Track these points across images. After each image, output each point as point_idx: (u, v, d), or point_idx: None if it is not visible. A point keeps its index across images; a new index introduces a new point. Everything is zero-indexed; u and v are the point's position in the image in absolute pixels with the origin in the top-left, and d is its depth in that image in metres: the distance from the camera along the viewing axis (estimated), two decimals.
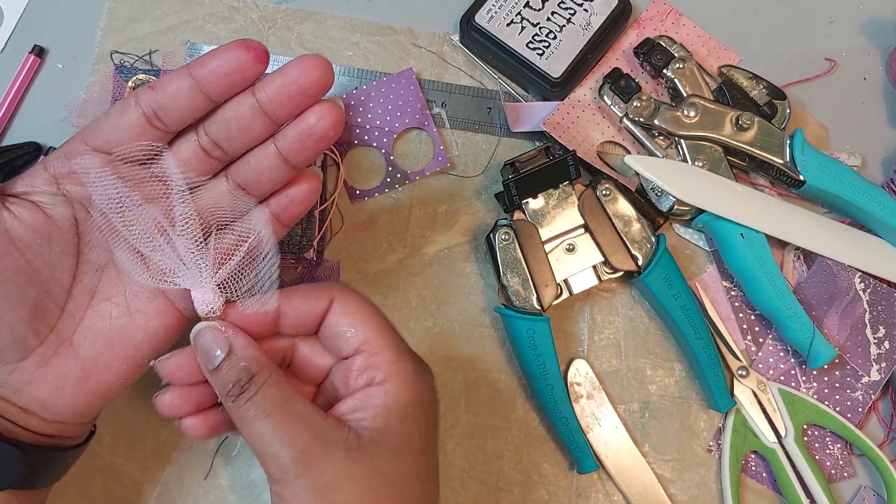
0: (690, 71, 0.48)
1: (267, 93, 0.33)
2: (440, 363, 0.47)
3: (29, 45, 0.49)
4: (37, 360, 0.34)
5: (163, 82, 0.34)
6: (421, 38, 0.51)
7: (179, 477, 0.45)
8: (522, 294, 0.45)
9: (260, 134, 0.35)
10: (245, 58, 0.32)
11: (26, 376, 0.34)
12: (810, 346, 0.45)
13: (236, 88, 0.34)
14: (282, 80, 0.33)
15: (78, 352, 0.35)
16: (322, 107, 0.34)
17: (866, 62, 0.53)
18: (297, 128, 0.34)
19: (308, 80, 0.33)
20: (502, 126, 0.50)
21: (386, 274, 0.48)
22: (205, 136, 0.35)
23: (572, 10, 0.49)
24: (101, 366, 0.35)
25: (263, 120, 0.34)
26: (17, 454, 0.33)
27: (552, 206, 0.47)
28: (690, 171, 0.47)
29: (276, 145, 0.35)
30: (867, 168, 0.51)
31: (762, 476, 0.47)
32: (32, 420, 0.35)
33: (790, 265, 0.49)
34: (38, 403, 0.35)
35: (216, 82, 0.33)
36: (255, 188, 0.36)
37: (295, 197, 0.37)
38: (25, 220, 0.34)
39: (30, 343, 0.34)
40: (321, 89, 0.33)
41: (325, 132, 0.34)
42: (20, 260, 0.34)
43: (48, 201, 0.34)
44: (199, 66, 0.33)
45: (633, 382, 0.48)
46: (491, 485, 0.46)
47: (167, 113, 0.34)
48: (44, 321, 0.34)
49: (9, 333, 0.33)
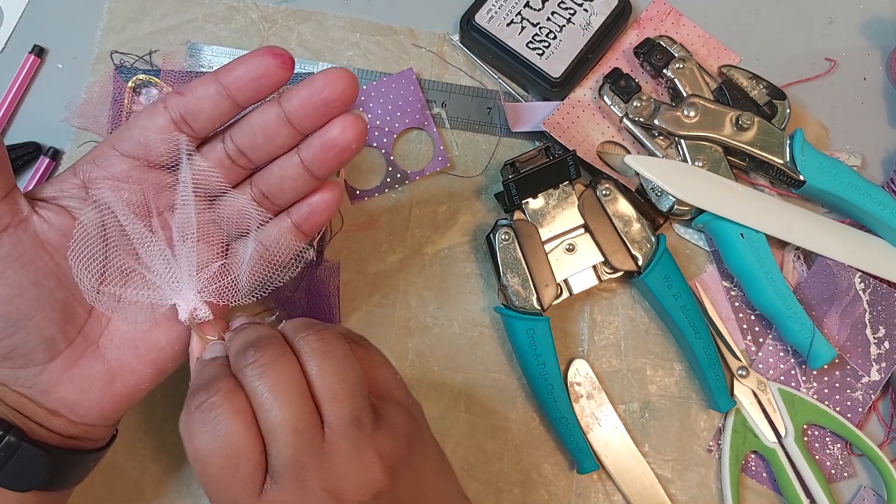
0: (690, 71, 0.48)
1: (293, 103, 0.34)
2: (440, 363, 0.47)
3: (29, 45, 0.49)
4: (65, 361, 0.35)
5: (190, 87, 0.34)
6: (421, 38, 0.51)
7: (180, 477, 0.45)
8: (522, 294, 0.45)
9: (285, 143, 0.35)
10: (271, 64, 0.33)
11: (54, 378, 0.35)
12: (810, 346, 0.45)
13: (262, 94, 0.34)
14: (307, 91, 0.34)
15: (104, 355, 0.36)
16: (346, 119, 0.35)
17: (866, 62, 0.53)
18: (320, 139, 0.35)
19: (333, 92, 0.33)
20: (502, 126, 0.50)
21: (386, 274, 0.48)
22: (231, 143, 0.36)
23: (572, 10, 0.49)
24: (126, 369, 0.36)
25: (288, 129, 0.35)
26: (42, 456, 0.34)
27: (552, 206, 0.47)
28: (690, 171, 0.47)
29: (300, 155, 0.35)
30: (867, 168, 0.51)
31: (762, 476, 0.47)
32: (58, 422, 0.35)
33: (790, 265, 0.49)
34: (65, 405, 0.35)
35: (243, 87, 0.34)
36: (278, 197, 0.37)
37: (316, 206, 0.37)
38: (55, 223, 0.35)
39: (58, 345, 0.35)
40: (346, 102, 0.34)
41: (347, 144, 0.35)
42: (49, 262, 0.34)
43: (76, 206, 0.35)
44: (227, 71, 0.34)
45: (633, 382, 0.48)
46: (491, 485, 0.46)
47: (195, 118, 0.35)
48: (72, 323, 0.35)
49: (38, 334, 0.34)
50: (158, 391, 0.46)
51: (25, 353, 0.34)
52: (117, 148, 0.35)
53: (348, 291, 0.48)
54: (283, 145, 0.35)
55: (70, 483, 0.37)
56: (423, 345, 0.47)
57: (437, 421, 0.46)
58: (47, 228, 0.34)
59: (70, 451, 0.36)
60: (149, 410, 0.46)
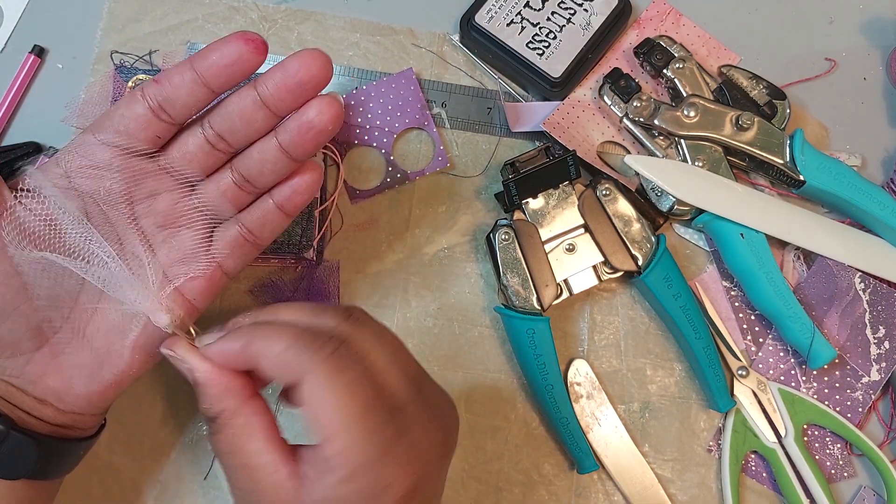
0: (690, 71, 0.48)
1: (268, 86, 0.34)
2: (440, 363, 0.47)
3: (29, 45, 0.49)
4: (52, 350, 0.35)
5: (166, 75, 0.35)
6: (421, 38, 0.51)
7: (178, 476, 0.45)
8: (522, 294, 0.45)
9: (262, 126, 0.36)
10: (244, 49, 0.34)
11: (41, 366, 0.35)
12: (810, 346, 0.45)
13: (237, 79, 0.35)
14: (281, 74, 0.34)
15: (91, 342, 0.36)
16: (322, 101, 0.35)
17: (866, 62, 0.53)
18: (297, 121, 0.35)
19: (307, 73, 0.34)
20: (502, 126, 0.50)
21: (386, 274, 0.48)
22: (210, 129, 0.36)
23: (572, 10, 0.50)
24: (114, 356, 0.36)
25: (265, 112, 0.35)
26: (31, 444, 0.34)
27: (552, 206, 0.47)
28: (690, 171, 0.47)
29: (278, 139, 0.36)
30: (867, 168, 0.51)
31: (762, 476, 0.47)
32: (47, 410, 0.35)
33: (790, 265, 0.49)
34: (53, 393, 0.35)
35: (217, 74, 0.34)
36: (259, 180, 0.37)
37: (297, 187, 0.37)
38: (38, 212, 0.35)
39: (45, 333, 0.35)
40: (320, 83, 0.34)
41: (324, 126, 0.35)
42: (34, 251, 0.34)
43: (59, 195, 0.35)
44: (200, 58, 0.34)
45: (633, 382, 0.48)
46: (491, 485, 0.46)
47: (172, 105, 0.35)
48: (58, 312, 0.35)
49: (24, 324, 0.34)
50: (156, 391, 0.46)
51: (12, 343, 0.34)
52: (97, 137, 0.35)
53: (348, 291, 0.48)
54: (261, 129, 0.36)
55: (59, 472, 0.37)
56: (423, 345, 0.47)
57: None
58: (31, 218, 0.35)
59: (59, 440, 0.36)
60: (147, 411, 0.46)
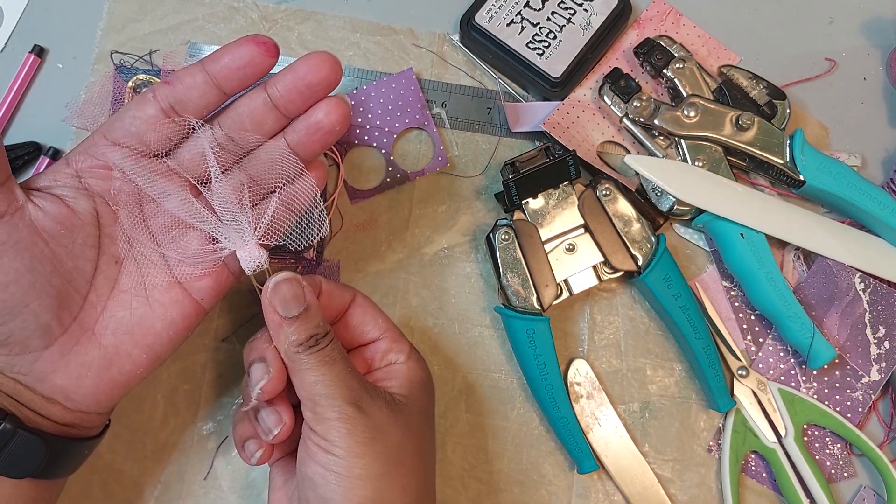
0: (690, 71, 0.48)
1: (278, 88, 0.35)
2: (440, 363, 0.47)
3: (29, 45, 0.49)
4: (60, 348, 0.35)
5: (177, 77, 0.35)
6: (421, 38, 0.51)
7: (179, 477, 0.45)
8: (522, 294, 0.45)
9: (272, 128, 0.37)
10: (256, 52, 0.34)
11: (50, 365, 0.35)
12: (810, 346, 0.45)
13: (248, 81, 0.35)
14: (291, 76, 0.35)
15: (100, 341, 0.36)
16: (330, 102, 0.36)
17: (866, 62, 0.53)
18: (305, 122, 0.36)
19: (316, 76, 0.35)
20: (502, 126, 0.50)
21: (386, 274, 0.48)
22: (220, 130, 0.36)
23: (572, 10, 0.49)
24: (122, 355, 0.36)
25: (275, 114, 0.36)
26: (38, 443, 0.34)
27: (552, 206, 0.47)
28: (690, 171, 0.47)
29: (287, 139, 0.37)
30: (867, 168, 0.51)
31: (762, 476, 0.47)
32: (54, 409, 0.36)
33: (790, 265, 0.49)
34: (61, 392, 0.36)
35: (229, 76, 0.35)
36: (266, 180, 0.37)
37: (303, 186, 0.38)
38: (49, 212, 0.35)
39: (54, 331, 0.35)
40: (329, 85, 0.35)
41: (332, 126, 0.36)
42: (45, 249, 0.35)
43: (70, 195, 0.36)
44: (213, 61, 0.35)
45: (633, 382, 0.48)
46: (491, 485, 0.46)
47: (183, 107, 0.35)
48: (67, 310, 0.35)
49: (34, 321, 0.34)
50: (158, 392, 0.46)
51: (21, 340, 0.34)
52: (108, 137, 0.36)
53: None
54: (271, 130, 0.37)
55: (65, 471, 0.37)
56: (423, 345, 0.47)
57: (438, 421, 0.46)
58: (42, 216, 0.35)
59: (65, 439, 0.36)
60: (149, 411, 0.46)
